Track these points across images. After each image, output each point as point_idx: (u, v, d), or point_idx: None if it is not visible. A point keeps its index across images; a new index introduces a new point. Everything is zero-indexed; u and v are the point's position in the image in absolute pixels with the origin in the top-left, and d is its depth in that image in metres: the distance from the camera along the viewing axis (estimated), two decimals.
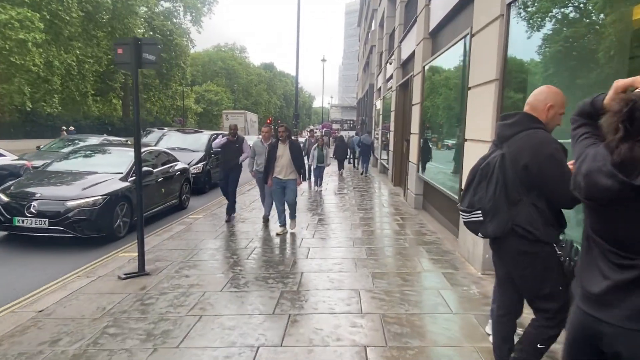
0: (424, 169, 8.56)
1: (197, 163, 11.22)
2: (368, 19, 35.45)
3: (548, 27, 3.84)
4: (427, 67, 8.31)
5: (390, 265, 5.17)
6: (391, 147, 13.52)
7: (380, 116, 17.94)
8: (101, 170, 7.11)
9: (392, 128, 13.44)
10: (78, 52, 27.21)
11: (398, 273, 4.88)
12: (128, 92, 39.05)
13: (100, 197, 6.25)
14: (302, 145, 14.50)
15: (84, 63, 28.32)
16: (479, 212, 2.41)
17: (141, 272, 4.81)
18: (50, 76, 25.91)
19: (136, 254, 5.37)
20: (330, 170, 19.11)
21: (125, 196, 6.69)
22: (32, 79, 24.70)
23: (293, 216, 6.84)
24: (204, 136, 12.49)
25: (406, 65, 12.11)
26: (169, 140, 12.80)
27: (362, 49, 44.88)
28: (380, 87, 18.70)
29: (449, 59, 6.79)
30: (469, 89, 5.31)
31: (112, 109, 39.57)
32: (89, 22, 28.46)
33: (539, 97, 2.36)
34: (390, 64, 13.63)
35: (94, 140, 12.55)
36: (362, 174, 16.31)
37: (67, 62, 26.68)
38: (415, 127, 9.03)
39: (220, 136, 8.29)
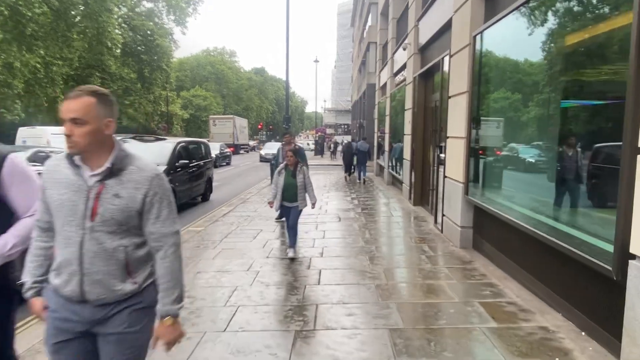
0: (476, 189, 5.79)
1: None
2: (363, 16, 33.17)
3: None
4: (483, 36, 5.54)
5: None
6: (407, 155, 10.73)
7: (387, 117, 15.18)
8: None
9: (407, 130, 10.66)
10: (43, 52, 24.31)
11: None
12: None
13: None
14: (275, 160, 7.36)
15: (51, 65, 25.47)
16: None
17: None
18: (11, 79, 23.02)
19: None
20: (334, 179, 16.38)
21: None
22: None
23: None
24: (168, 145, 9.68)
25: (427, 48, 9.38)
26: None
27: (356, 48, 42.45)
28: (385, 83, 15.96)
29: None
30: None
31: None
32: (59, 20, 25.56)
33: None
34: (404, 49, 10.89)
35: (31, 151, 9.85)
36: (363, 182, 15.63)
37: (30, 64, 23.78)
38: (459, 127, 6.23)
39: None
